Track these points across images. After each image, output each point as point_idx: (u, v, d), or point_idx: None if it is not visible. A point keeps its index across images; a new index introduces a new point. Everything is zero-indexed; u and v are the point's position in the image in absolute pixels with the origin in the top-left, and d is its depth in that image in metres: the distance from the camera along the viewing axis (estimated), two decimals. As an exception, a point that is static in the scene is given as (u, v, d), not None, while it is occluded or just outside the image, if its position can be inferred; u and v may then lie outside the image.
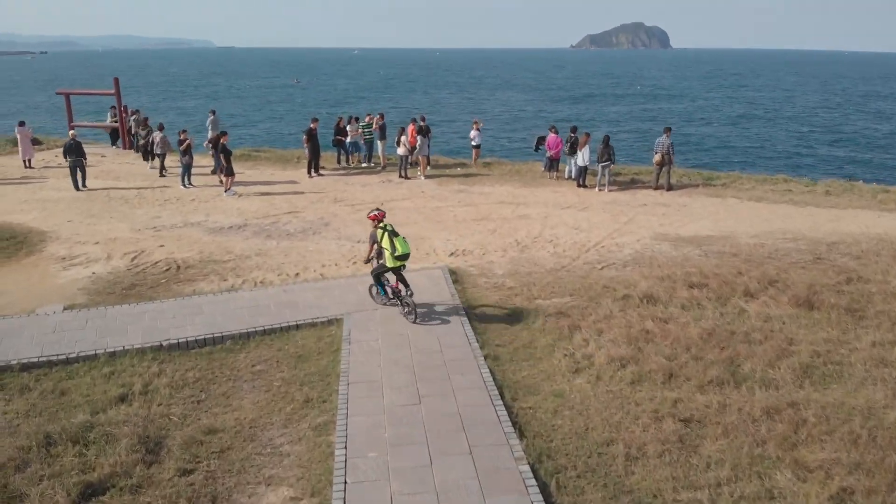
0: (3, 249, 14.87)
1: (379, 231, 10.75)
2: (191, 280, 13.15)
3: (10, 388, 9.15)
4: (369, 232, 11.05)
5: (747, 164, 39.40)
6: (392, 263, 10.73)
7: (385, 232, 10.68)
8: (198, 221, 17.08)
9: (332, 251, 14.90)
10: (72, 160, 20.38)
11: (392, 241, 10.60)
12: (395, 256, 10.63)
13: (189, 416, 8.51)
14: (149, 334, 10.50)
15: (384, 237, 10.66)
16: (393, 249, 10.62)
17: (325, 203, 19.13)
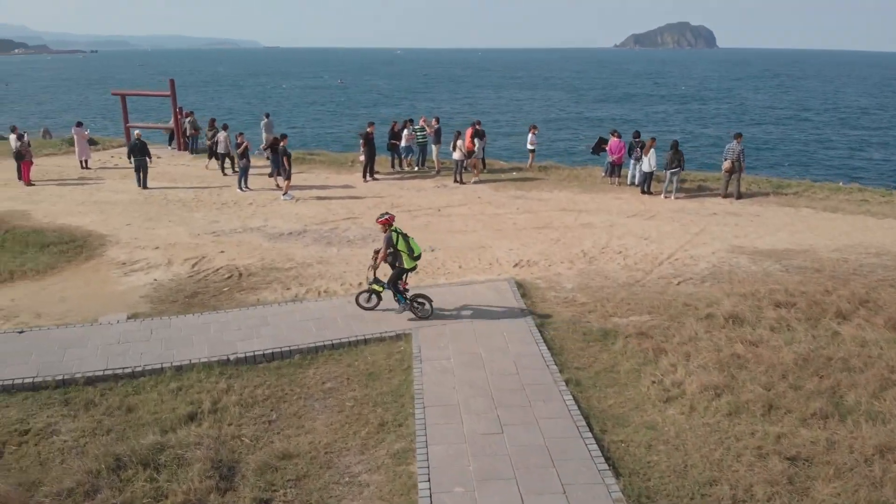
0: (63, 253, 14.81)
1: (393, 234, 10.74)
2: (253, 288, 12.85)
3: (76, 403, 8.90)
4: (384, 236, 10.90)
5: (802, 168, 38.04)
6: (410, 265, 10.86)
7: (399, 235, 10.76)
8: (257, 227, 16.84)
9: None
10: (136, 160, 20.68)
11: (408, 244, 10.74)
12: (413, 258, 10.78)
13: (261, 439, 8.14)
14: (215, 347, 10.19)
15: (399, 240, 10.70)
16: (410, 251, 10.76)
17: (382, 209, 18.65)
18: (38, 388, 9.14)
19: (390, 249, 10.75)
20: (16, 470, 7.50)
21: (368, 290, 11.37)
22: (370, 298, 11.42)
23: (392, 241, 10.74)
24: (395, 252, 10.78)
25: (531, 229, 16.70)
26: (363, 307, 11.40)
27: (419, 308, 11.16)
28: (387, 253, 10.79)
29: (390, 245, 10.73)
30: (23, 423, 8.37)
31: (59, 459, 7.69)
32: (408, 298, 11.15)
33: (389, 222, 10.84)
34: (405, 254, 10.74)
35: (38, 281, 13.17)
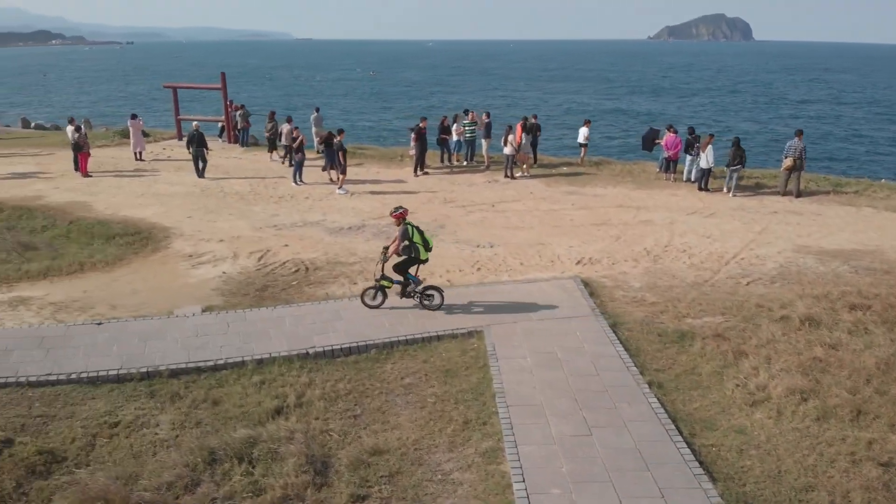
0: (130, 245, 15.07)
1: (409, 228, 11.01)
2: (321, 283, 12.95)
3: (162, 396, 9.04)
4: (400, 229, 11.12)
5: (848, 164, 37.27)
6: (425, 256, 11.18)
7: (414, 228, 11.07)
8: (316, 221, 16.96)
9: (452, 255, 14.49)
10: (195, 150, 21.17)
11: (423, 236, 11.12)
12: (427, 250, 11.15)
13: (349, 433, 8.20)
14: (293, 341, 10.29)
15: (415, 233, 11.02)
16: (425, 244, 11.13)
17: (435, 204, 18.77)
18: (122, 379, 9.31)
19: (405, 242, 10.96)
20: (110, 462, 7.64)
21: (375, 287, 11.37)
22: (376, 295, 11.39)
23: (408, 233, 10.98)
24: (410, 245, 11.00)
25: (589, 226, 16.58)
26: (368, 305, 11.37)
27: (429, 300, 11.31)
28: (401, 244, 10.99)
29: (406, 237, 10.96)
30: (111, 415, 8.52)
31: (152, 452, 7.82)
32: (418, 291, 11.32)
33: (404, 216, 11.12)
34: (420, 245, 11.05)
35: (108, 272, 13.41)
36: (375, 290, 11.37)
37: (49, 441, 7.92)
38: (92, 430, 8.19)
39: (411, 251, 11.05)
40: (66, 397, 8.88)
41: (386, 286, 11.30)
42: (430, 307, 11.34)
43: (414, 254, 11.08)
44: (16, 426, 8.18)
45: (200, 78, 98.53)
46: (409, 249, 11.04)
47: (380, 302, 11.40)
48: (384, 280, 11.25)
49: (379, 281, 11.28)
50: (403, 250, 11.06)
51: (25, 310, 11.51)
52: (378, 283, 11.30)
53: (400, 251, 11.08)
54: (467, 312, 11.38)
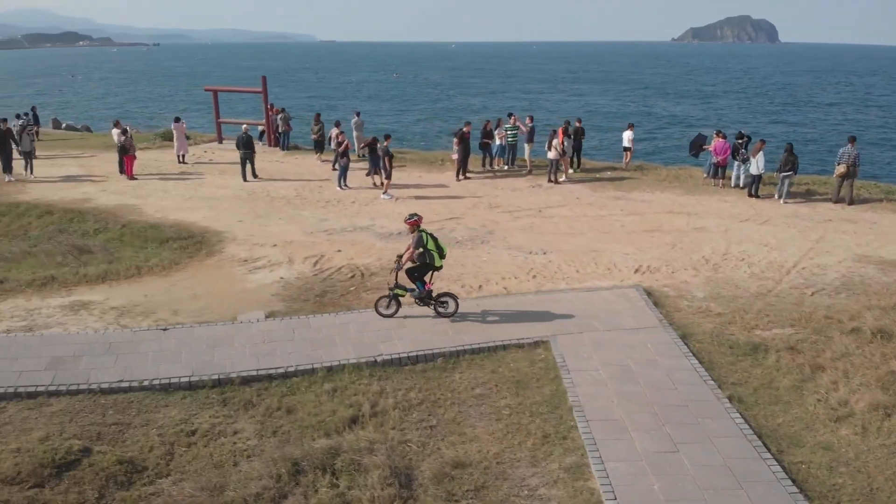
0: (184, 249, 15.12)
1: (423, 235, 10.96)
2: (379, 289, 12.85)
3: (235, 403, 9.03)
4: (414, 236, 11.06)
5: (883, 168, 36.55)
6: (439, 264, 11.14)
7: (428, 236, 11.00)
8: (365, 226, 16.92)
9: (506, 262, 14.36)
10: (243, 152, 21.37)
11: (437, 243, 11.06)
12: (441, 257, 11.10)
13: (427, 445, 8.12)
14: (360, 348, 10.24)
15: (429, 240, 10.96)
16: (440, 251, 11.08)
17: (481, 209, 18.65)
18: (194, 387, 9.30)
19: (420, 249, 10.90)
20: (191, 472, 7.61)
21: (389, 296, 11.23)
22: (389, 304, 11.26)
23: (423, 240, 10.91)
24: (424, 252, 10.94)
25: (642, 232, 16.38)
26: (382, 314, 11.24)
27: (444, 307, 11.25)
28: (415, 252, 10.93)
29: (420, 244, 10.90)
30: (187, 423, 8.51)
31: (233, 462, 7.78)
32: (433, 298, 11.25)
33: (418, 224, 11.08)
34: (435, 252, 11.01)
35: (166, 277, 13.46)
36: (389, 299, 11.25)
37: (127, 450, 7.91)
38: (169, 439, 8.17)
39: (426, 258, 11.02)
40: (140, 405, 8.89)
41: (400, 294, 11.22)
42: (445, 314, 11.27)
43: (429, 260, 11.05)
44: (91, 434, 8.18)
45: (227, 80, 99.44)
46: (423, 256, 11.01)
47: (393, 311, 11.29)
48: (398, 289, 11.16)
49: (393, 290, 11.18)
50: (418, 257, 11.02)
51: (88, 314, 11.56)
52: (392, 292, 11.20)
53: (415, 258, 11.04)
54: (530, 321, 11.24)
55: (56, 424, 8.31)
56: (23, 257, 14.69)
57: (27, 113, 29.72)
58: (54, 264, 14.08)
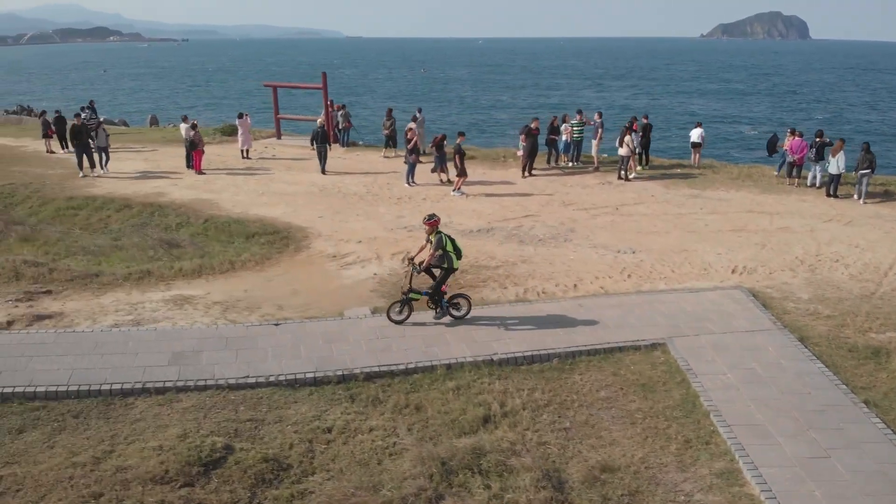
0: (272, 244, 15.16)
1: (444, 237, 10.72)
2: (472, 286, 12.78)
3: (362, 400, 8.98)
4: (434, 238, 10.82)
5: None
6: (457, 265, 10.93)
7: (447, 237, 10.75)
8: (443, 223, 16.76)
9: (594, 261, 14.19)
10: (318, 146, 21.77)
11: (454, 245, 10.80)
12: (458, 258, 10.88)
13: (566, 447, 8.00)
14: (474, 346, 10.16)
15: (447, 242, 10.68)
16: (457, 253, 10.82)
17: (555, 206, 18.48)
18: (319, 382, 9.28)
19: (440, 251, 10.61)
20: (337, 470, 7.56)
21: (402, 301, 10.82)
22: (402, 310, 10.84)
23: (443, 242, 10.61)
24: (444, 254, 10.65)
25: (727, 232, 16.10)
26: (394, 320, 10.80)
27: (457, 308, 10.96)
28: (436, 254, 10.65)
29: (440, 246, 10.60)
30: (320, 419, 8.47)
31: (377, 460, 7.73)
32: (448, 302, 10.95)
33: (437, 224, 10.83)
34: (453, 254, 10.73)
35: (260, 272, 13.49)
36: (402, 304, 10.85)
37: (267, 447, 7.88)
38: (306, 436, 8.13)
39: (444, 261, 10.73)
40: (269, 401, 8.88)
41: (414, 299, 10.86)
42: (458, 316, 10.97)
43: (447, 263, 10.76)
44: (229, 431, 8.17)
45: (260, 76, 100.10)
46: (442, 259, 10.71)
47: (405, 316, 10.86)
48: (413, 293, 10.82)
49: (407, 294, 10.80)
50: (437, 260, 10.74)
51: (192, 308, 11.60)
52: (406, 297, 10.81)
53: (435, 261, 10.75)
54: (640, 322, 11.07)
55: (191, 421, 8.31)
56: (111, 251, 14.80)
57: (86, 107, 30.01)
58: (146, 258, 14.17)
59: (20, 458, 7.51)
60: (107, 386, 8.73)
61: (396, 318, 10.84)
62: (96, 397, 8.63)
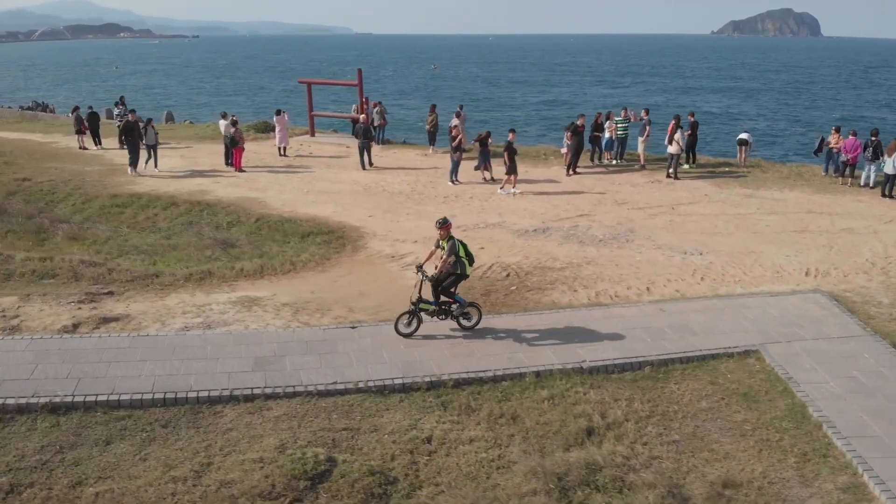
0: (328, 244, 14.86)
1: (457, 242, 10.12)
2: (540, 289, 12.44)
3: (454, 408, 8.65)
4: (447, 243, 10.13)
5: None
6: (469, 272, 10.39)
7: (460, 242, 10.18)
8: (496, 222, 16.47)
9: (662, 262, 13.82)
10: (361, 141, 21.79)
11: (467, 250, 10.23)
12: (470, 264, 10.31)
13: (680, 462, 7.64)
14: (560, 353, 9.81)
15: (461, 247, 10.12)
16: (470, 259, 10.26)
17: (608, 205, 18.10)
18: (407, 389, 8.95)
19: (453, 257, 10.01)
20: (446, 484, 7.23)
21: (411, 312, 10.12)
22: (411, 321, 10.15)
23: (456, 247, 10.04)
24: (457, 260, 10.09)
25: (791, 233, 15.68)
26: (402, 333, 10.11)
27: (468, 318, 10.36)
28: (450, 260, 10.03)
29: (454, 252, 10.00)
30: (416, 429, 8.14)
31: (485, 474, 7.40)
32: (466, 304, 10.39)
33: (450, 228, 10.27)
34: (466, 260, 10.18)
35: (323, 273, 13.18)
36: (411, 316, 10.14)
37: (368, 459, 7.55)
38: (406, 447, 7.80)
39: (457, 267, 10.14)
40: (361, 408, 8.56)
41: (424, 310, 10.16)
42: (469, 327, 10.37)
43: (460, 270, 10.17)
44: (327, 441, 7.85)
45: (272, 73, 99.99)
46: (455, 265, 10.12)
47: (414, 328, 10.18)
48: (424, 303, 10.11)
49: (417, 304, 10.07)
50: (450, 267, 10.11)
51: (262, 310, 11.29)
52: (415, 307, 10.08)
53: (448, 268, 10.10)
54: (730, 329, 10.67)
55: (286, 431, 8.00)
56: (165, 250, 14.52)
57: (119, 103, 29.78)
58: (203, 258, 13.88)
59: (113, 472, 7.20)
60: (193, 393, 8.42)
61: (405, 330, 10.13)
62: (183, 405, 8.32)
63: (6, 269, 12.42)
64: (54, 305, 11.12)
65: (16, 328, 10.30)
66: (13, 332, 10.15)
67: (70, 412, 8.05)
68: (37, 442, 7.56)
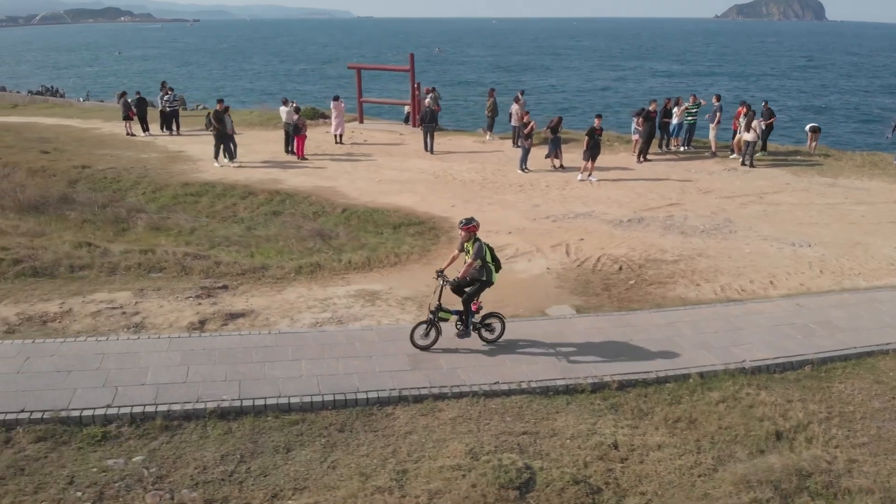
0: (422, 235, 14.57)
1: (483, 245, 9.01)
2: (660, 283, 12.08)
3: (626, 411, 8.29)
4: (473, 246, 8.96)
5: None
6: (495, 279, 9.21)
7: (487, 246, 9.09)
8: (584, 212, 16.08)
9: (774, 255, 13.46)
10: (426, 126, 21.94)
11: (493, 255, 9.15)
12: (497, 272, 9.22)
13: (880, 465, 7.30)
14: (714, 352, 9.43)
15: (487, 252, 9.04)
16: (497, 264, 9.20)
17: (693, 194, 17.73)
18: (571, 391, 8.54)
19: (479, 261, 8.95)
20: (651, 493, 6.86)
21: (429, 322, 9.13)
22: (429, 332, 9.15)
23: (483, 251, 8.94)
24: (483, 266, 9.01)
25: (887, 223, 15.35)
26: (419, 346, 9.10)
27: (490, 330, 9.43)
28: (475, 264, 8.94)
29: (481, 255, 8.91)
30: (596, 433, 7.68)
31: (689, 482, 7.06)
32: (480, 322, 9.40)
33: (475, 230, 9.04)
34: (493, 265, 9.13)
35: (429, 265, 12.71)
36: (429, 325, 9.13)
37: (562, 465, 7.18)
38: (594, 453, 7.42)
39: (483, 273, 9.06)
40: (530, 410, 8.18)
41: (444, 319, 9.20)
42: (491, 340, 9.43)
43: (486, 276, 9.09)
44: (512, 446, 7.48)
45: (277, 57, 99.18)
46: (481, 271, 9.05)
47: (433, 340, 9.18)
48: (443, 312, 9.15)
49: (436, 313, 9.09)
50: (475, 272, 9.06)
51: (386, 305, 10.92)
52: (434, 316, 9.10)
53: (474, 273, 9.07)
54: (874, 325, 10.31)
55: (466, 434, 7.63)
56: (259, 242, 14.16)
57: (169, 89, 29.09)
58: (305, 250, 13.50)
59: (306, 482, 6.79)
60: (362, 395, 8.05)
61: (422, 342, 9.12)
62: (353, 407, 7.96)
63: (109, 263, 12.02)
64: (172, 301, 10.74)
65: (140, 325, 9.90)
66: (139, 329, 9.77)
67: (240, 417, 7.68)
68: (214, 451, 7.16)
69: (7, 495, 6.30)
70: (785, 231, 14.76)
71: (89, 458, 6.88)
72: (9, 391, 7.68)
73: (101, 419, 7.36)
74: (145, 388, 7.92)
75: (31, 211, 16.20)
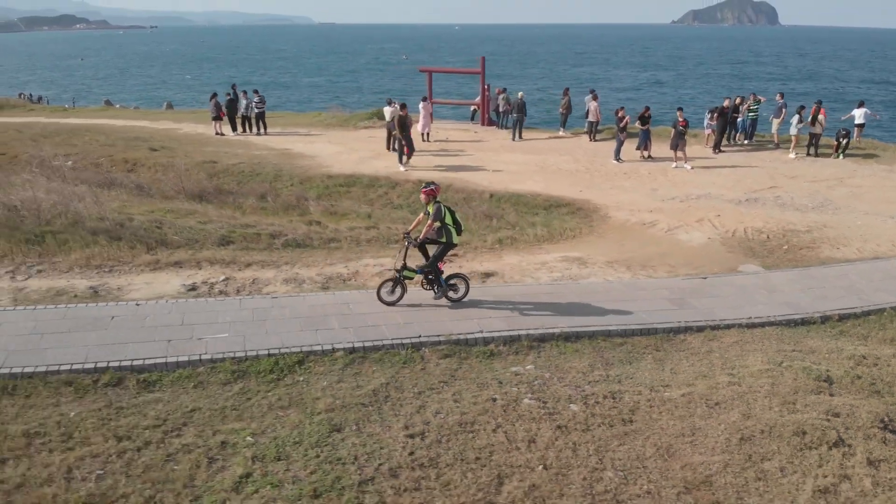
0: (573, 214, 16.49)
1: (443, 207, 9.80)
2: (809, 247, 14.09)
3: (851, 335, 10.36)
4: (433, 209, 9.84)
5: None
6: (457, 240, 10.08)
7: (447, 209, 9.87)
8: (702, 194, 18.10)
9: (881, 225, 15.49)
10: (517, 116, 25.09)
11: (454, 218, 9.90)
12: (458, 233, 10.01)
13: None
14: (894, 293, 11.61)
15: (447, 214, 9.81)
16: (458, 227, 9.94)
17: (783, 179, 19.83)
18: (806, 322, 10.65)
19: (438, 223, 9.73)
20: None
21: (395, 280, 9.97)
22: (394, 289, 9.98)
23: (442, 213, 9.68)
24: (442, 227, 9.76)
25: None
26: (385, 301, 9.94)
27: (454, 290, 10.24)
28: (434, 225, 9.74)
29: (439, 218, 9.68)
30: (844, 351, 9.74)
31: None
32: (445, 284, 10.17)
33: (435, 193, 9.85)
34: (453, 228, 9.84)
35: (601, 238, 14.61)
36: (395, 283, 9.96)
37: (835, 369, 9.16)
38: (849, 362, 9.28)
39: (442, 234, 9.79)
40: (790, 335, 10.16)
41: (408, 278, 9.96)
42: (455, 299, 10.23)
43: (445, 238, 9.81)
44: (799, 359, 9.28)
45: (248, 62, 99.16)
46: (441, 232, 9.78)
47: (398, 297, 10.00)
48: (407, 271, 9.89)
49: (401, 272, 9.88)
50: (435, 234, 9.84)
51: (596, 267, 12.76)
52: (399, 275, 9.90)
53: (432, 234, 9.87)
54: None
55: (754, 352, 9.38)
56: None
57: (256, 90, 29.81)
58: (485, 227, 15.27)
59: (671, 381, 8.51)
60: (660, 325, 10.10)
61: (388, 298, 9.95)
62: (654, 335, 9.92)
63: (350, 237, 13.73)
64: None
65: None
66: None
67: (581, 339, 9.64)
68: (584, 362, 9.02)
69: (461, 392, 8.05)
70: (880, 208, 17.01)
71: (495, 367, 8.71)
72: (405, 323, 9.56)
73: (481, 341, 9.33)
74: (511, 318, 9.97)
75: (197, 200, 17.58)
